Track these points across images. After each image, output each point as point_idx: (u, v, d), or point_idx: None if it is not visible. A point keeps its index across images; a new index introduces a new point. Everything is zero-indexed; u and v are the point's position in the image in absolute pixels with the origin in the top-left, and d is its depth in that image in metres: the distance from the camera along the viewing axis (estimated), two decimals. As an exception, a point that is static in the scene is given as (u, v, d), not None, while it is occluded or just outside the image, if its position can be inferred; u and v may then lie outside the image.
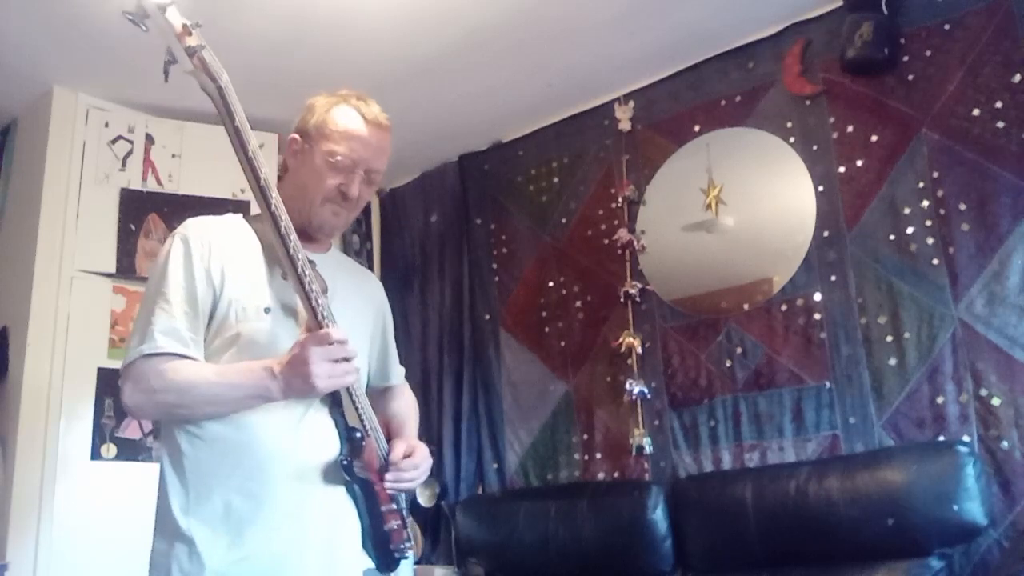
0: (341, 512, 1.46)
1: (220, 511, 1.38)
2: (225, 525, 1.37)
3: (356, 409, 1.49)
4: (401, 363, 1.83)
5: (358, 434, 1.48)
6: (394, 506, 1.55)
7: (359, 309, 1.65)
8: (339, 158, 1.51)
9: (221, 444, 1.41)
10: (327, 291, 1.46)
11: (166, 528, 1.40)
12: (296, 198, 1.54)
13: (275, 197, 1.37)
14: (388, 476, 1.52)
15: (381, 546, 1.49)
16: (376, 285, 1.82)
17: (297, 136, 1.58)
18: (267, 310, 1.46)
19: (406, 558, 1.55)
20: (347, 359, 1.39)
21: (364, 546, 1.48)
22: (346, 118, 1.54)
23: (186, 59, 1.28)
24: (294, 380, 1.35)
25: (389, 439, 1.61)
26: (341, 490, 1.46)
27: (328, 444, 1.46)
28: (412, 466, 1.55)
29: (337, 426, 1.47)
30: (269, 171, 1.38)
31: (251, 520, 1.38)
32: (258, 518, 1.38)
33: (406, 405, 1.78)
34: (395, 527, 1.52)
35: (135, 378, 1.41)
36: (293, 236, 1.38)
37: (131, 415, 2.85)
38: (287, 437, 1.43)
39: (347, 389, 1.46)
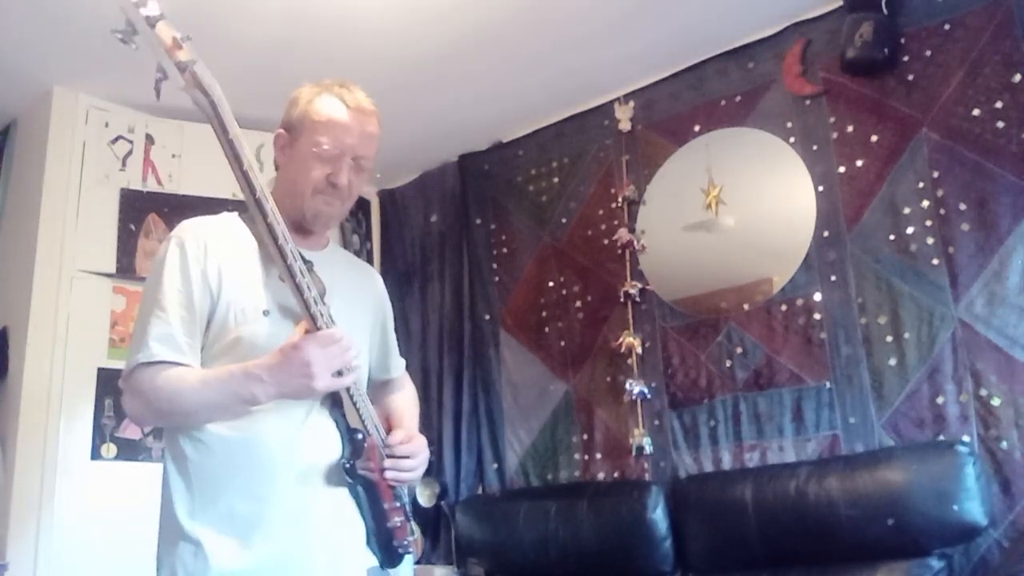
0: (345, 513, 1.46)
1: (225, 515, 1.37)
2: (230, 528, 1.37)
3: (356, 410, 1.48)
4: (401, 355, 1.83)
5: (360, 435, 1.47)
6: (397, 503, 1.55)
7: (358, 305, 1.64)
8: (324, 147, 1.49)
9: (225, 448, 1.40)
10: (325, 293, 1.45)
11: (171, 531, 1.39)
12: (288, 192, 1.54)
13: (271, 208, 1.36)
14: (386, 463, 1.51)
15: (385, 543, 1.50)
16: (375, 278, 1.80)
17: (283, 131, 1.57)
18: (266, 312, 1.45)
19: (409, 553, 1.55)
20: (348, 367, 1.38)
21: (368, 543, 1.49)
22: (328, 107, 1.52)
23: (177, 75, 1.26)
24: (292, 381, 1.33)
25: (390, 432, 1.61)
26: (344, 491, 1.46)
27: (331, 445, 1.45)
28: (408, 451, 1.55)
29: (339, 427, 1.47)
30: (265, 184, 1.37)
31: (256, 522, 1.37)
32: (263, 520, 1.38)
33: (406, 397, 1.78)
34: (398, 524, 1.53)
35: (132, 388, 1.42)
36: (291, 245, 1.37)
37: (134, 423, 2.87)
38: (291, 440, 1.42)
39: (346, 389, 1.45)
